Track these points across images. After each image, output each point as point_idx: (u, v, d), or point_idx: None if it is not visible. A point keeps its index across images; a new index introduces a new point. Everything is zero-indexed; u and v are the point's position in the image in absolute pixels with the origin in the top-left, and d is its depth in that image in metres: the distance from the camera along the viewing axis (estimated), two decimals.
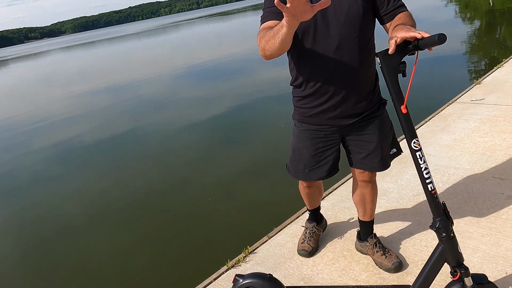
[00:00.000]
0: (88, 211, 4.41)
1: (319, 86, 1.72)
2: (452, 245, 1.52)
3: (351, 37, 1.61)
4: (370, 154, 1.85)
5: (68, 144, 7.32)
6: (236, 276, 1.82)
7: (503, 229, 2.18)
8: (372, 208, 2.10)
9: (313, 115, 1.82)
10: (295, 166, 2.00)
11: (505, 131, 3.34)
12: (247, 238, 2.64)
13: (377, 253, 2.08)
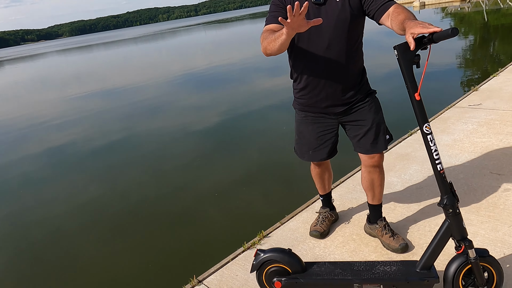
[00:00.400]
0: (80, 216, 4.32)
1: (313, 79, 2.01)
2: (458, 220, 1.70)
3: (340, 38, 1.88)
4: (364, 136, 2.08)
5: (60, 148, 7.19)
6: (257, 251, 1.98)
7: (500, 217, 2.36)
8: (380, 192, 2.27)
9: (310, 105, 2.10)
10: (301, 149, 2.27)
11: (501, 132, 3.54)
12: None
13: (386, 235, 2.25)
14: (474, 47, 11.04)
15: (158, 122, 7.94)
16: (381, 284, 1.80)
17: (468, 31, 14.70)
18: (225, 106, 8.46)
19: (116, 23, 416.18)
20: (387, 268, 1.86)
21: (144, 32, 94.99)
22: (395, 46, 1.62)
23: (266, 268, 1.96)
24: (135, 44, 46.59)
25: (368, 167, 2.18)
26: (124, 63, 24.65)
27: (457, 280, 1.73)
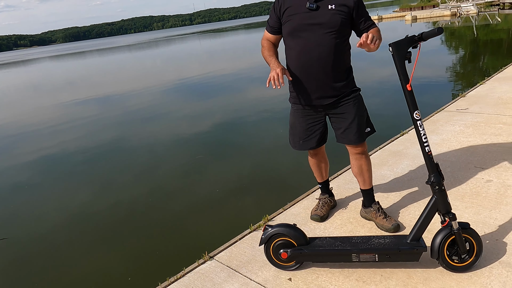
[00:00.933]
0: (70, 224, 4.31)
1: (304, 72, 2.29)
2: (443, 196, 1.95)
3: (330, 38, 2.19)
4: (347, 128, 2.34)
5: (51, 155, 7.13)
6: (266, 226, 2.21)
7: (482, 203, 2.62)
8: (369, 176, 2.52)
9: (302, 97, 2.37)
10: (293, 139, 2.55)
11: (486, 133, 3.83)
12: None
13: (379, 216, 2.49)
14: (464, 59, 11.58)
15: (151, 130, 7.94)
16: (376, 253, 2.04)
17: (459, 44, 15.20)
18: (219, 114, 8.51)
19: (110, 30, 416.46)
20: (381, 240, 2.10)
21: (138, 40, 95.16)
22: (390, 44, 1.88)
23: (273, 242, 2.19)
24: (129, 52, 46.45)
25: (354, 155, 2.45)
26: (118, 70, 24.61)
27: (442, 249, 1.98)
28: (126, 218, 4.27)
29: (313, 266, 2.23)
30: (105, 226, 4.17)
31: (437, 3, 35.30)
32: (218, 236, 3.15)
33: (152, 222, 4.09)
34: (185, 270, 2.38)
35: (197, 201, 4.39)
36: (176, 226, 3.96)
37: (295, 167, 4.86)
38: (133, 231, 3.97)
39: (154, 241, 3.70)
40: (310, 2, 2.16)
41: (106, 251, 3.68)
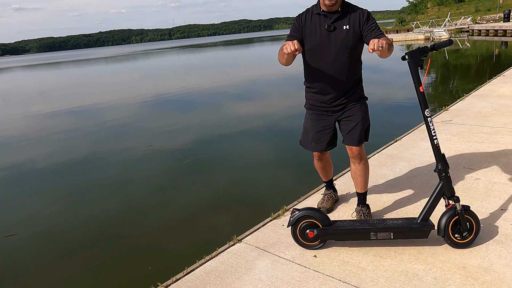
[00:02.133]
0: (36, 239, 4.18)
1: (321, 85, 2.62)
2: (448, 182, 2.31)
3: (344, 55, 2.50)
4: (351, 130, 2.64)
5: (18, 168, 6.86)
6: (293, 209, 2.51)
7: (474, 196, 3.01)
8: (362, 181, 2.74)
9: (315, 105, 2.70)
10: (305, 141, 2.84)
11: (470, 140, 4.28)
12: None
13: (358, 218, 2.76)
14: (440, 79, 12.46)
15: (126, 144, 7.80)
16: (391, 231, 2.36)
17: (433, 67, 16.17)
18: (195, 130, 8.45)
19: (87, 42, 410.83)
20: (395, 221, 2.43)
21: (116, 53, 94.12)
22: (407, 53, 2.25)
23: (300, 223, 2.48)
24: (106, 64, 45.71)
25: (352, 158, 2.72)
26: (94, 82, 24.07)
27: (447, 228, 2.32)
28: (97, 234, 4.19)
29: (334, 245, 2.53)
30: (74, 242, 4.05)
31: (411, 27, 37.12)
32: (192, 252, 3.14)
33: (123, 238, 4.03)
34: (218, 250, 2.62)
35: (170, 217, 4.38)
36: (147, 242, 3.90)
37: (270, 184, 5.09)
38: (103, 247, 3.89)
39: (124, 258, 3.66)
40: (328, 23, 2.48)
41: (74, 267, 3.59)
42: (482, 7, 43.18)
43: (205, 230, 4.04)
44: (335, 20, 2.47)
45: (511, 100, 5.94)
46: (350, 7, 2.51)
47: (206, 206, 4.57)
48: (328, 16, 2.48)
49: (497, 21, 33.10)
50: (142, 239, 4.03)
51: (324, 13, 2.48)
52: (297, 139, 2.93)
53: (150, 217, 4.45)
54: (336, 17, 2.47)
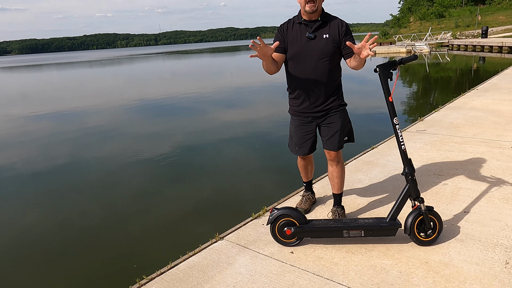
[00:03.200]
0: (14, 245, 4.12)
1: (303, 91, 2.79)
2: (414, 184, 2.52)
3: (324, 62, 2.69)
4: (331, 137, 2.83)
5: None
6: (273, 208, 2.68)
7: (440, 199, 3.24)
8: (338, 183, 2.93)
9: (298, 111, 2.88)
10: (291, 145, 3.03)
11: (441, 149, 4.55)
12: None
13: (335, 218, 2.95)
14: (419, 91, 12.97)
15: (108, 149, 7.78)
16: (362, 229, 2.56)
17: (414, 79, 16.70)
18: (179, 136, 8.47)
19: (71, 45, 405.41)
20: (366, 220, 2.62)
21: (100, 56, 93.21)
22: (378, 65, 2.47)
23: (279, 221, 2.65)
24: (90, 68, 45.06)
25: (330, 161, 2.93)
26: (76, 86, 23.79)
27: (413, 227, 2.53)
28: (78, 237, 4.19)
29: (310, 242, 2.71)
30: (54, 245, 4.05)
31: (394, 40, 38.09)
32: (176, 250, 3.12)
33: (106, 241, 4.06)
34: (201, 247, 2.77)
35: (154, 219, 4.43)
36: (131, 243, 3.95)
37: (252, 187, 5.27)
38: (83, 253, 3.89)
39: (108, 259, 3.70)
40: (309, 32, 2.67)
41: (51, 273, 3.59)
42: (462, 23, 44.67)
43: (189, 230, 4.17)
44: (315, 29, 2.66)
45: (482, 112, 6.28)
46: (329, 17, 2.71)
47: (190, 209, 4.70)
48: (309, 25, 2.67)
49: (475, 37, 34.30)
50: (125, 240, 4.10)
51: (305, 22, 2.68)
52: (279, 146, 3.13)
53: (133, 219, 4.53)
54: (316, 26, 2.66)
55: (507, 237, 2.62)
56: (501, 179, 3.56)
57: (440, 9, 54.16)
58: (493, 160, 4.08)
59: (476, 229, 2.75)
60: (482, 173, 3.74)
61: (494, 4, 56.03)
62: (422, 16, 54.39)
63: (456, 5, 57.03)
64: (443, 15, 52.51)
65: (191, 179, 5.78)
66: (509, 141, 4.69)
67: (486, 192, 3.31)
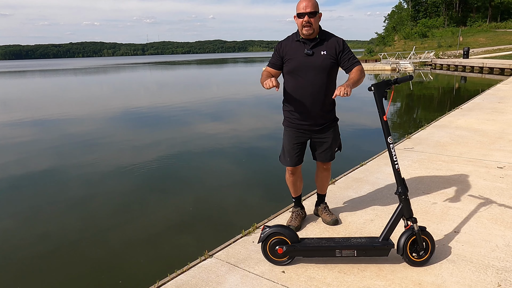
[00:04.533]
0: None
1: (299, 104, 2.85)
2: (407, 204, 2.51)
3: (321, 78, 2.77)
4: (325, 150, 2.99)
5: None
6: (264, 226, 2.63)
7: (431, 219, 3.24)
8: (325, 185, 3.21)
9: (295, 122, 2.93)
10: (283, 156, 3.08)
11: (429, 167, 4.58)
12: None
13: (324, 213, 3.14)
14: (404, 109, 13.20)
15: (90, 159, 7.61)
16: (355, 249, 2.52)
17: (398, 97, 17.00)
18: (164, 147, 8.39)
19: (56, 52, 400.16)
20: (359, 240, 2.59)
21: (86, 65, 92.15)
22: (372, 85, 2.48)
23: (270, 239, 2.59)
24: (75, 76, 44.44)
25: (321, 169, 3.11)
26: (59, 93, 23.44)
27: (406, 247, 2.51)
28: (53, 254, 4.02)
29: (302, 262, 2.65)
30: (29, 259, 3.93)
31: (379, 58, 38.87)
32: (163, 267, 3.11)
33: (82, 257, 3.92)
34: (189, 265, 2.68)
35: (139, 234, 4.31)
36: (115, 259, 3.83)
37: (241, 203, 5.19)
38: (59, 268, 3.75)
39: (84, 279, 3.54)
40: (307, 48, 2.74)
41: (30, 285, 3.50)
42: (444, 43, 46.00)
43: (174, 245, 4.07)
44: (313, 46, 2.73)
45: (467, 131, 6.39)
46: (326, 34, 2.80)
47: (175, 223, 4.60)
48: (307, 43, 2.74)
49: (457, 57, 35.28)
50: (107, 255, 3.97)
51: (303, 40, 2.75)
52: (267, 159, 3.11)
53: (115, 233, 4.42)
54: (314, 44, 2.74)
55: (498, 258, 2.62)
56: (489, 199, 3.60)
57: (423, 29, 55.74)
58: (480, 179, 4.12)
59: (467, 249, 2.74)
60: (470, 193, 3.77)
61: (474, 26, 58.02)
62: (406, 35, 55.83)
63: (438, 25, 58.82)
64: (426, 35, 54.00)
65: (176, 192, 5.68)
66: (494, 160, 4.76)
67: (475, 212, 3.33)
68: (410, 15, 65.13)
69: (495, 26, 56.35)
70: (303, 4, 2.65)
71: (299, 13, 2.67)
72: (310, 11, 2.64)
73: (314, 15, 2.66)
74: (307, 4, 2.65)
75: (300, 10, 2.67)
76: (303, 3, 2.66)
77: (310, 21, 2.65)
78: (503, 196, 3.67)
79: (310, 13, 2.64)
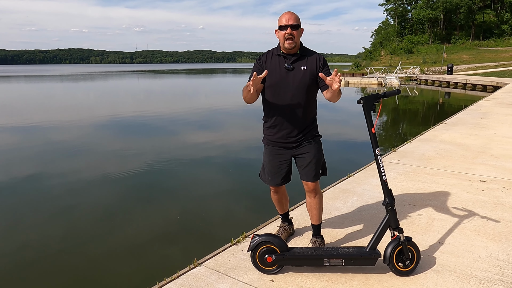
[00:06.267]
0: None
1: (278, 120, 2.80)
2: (394, 214, 2.57)
3: (301, 93, 2.73)
4: (307, 166, 2.83)
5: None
6: (254, 234, 2.65)
7: (416, 229, 3.31)
8: (317, 214, 2.93)
9: (274, 139, 2.87)
10: (264, 175, 3.00)
11: (414, 180, 4.68)
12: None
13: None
14: (391, 123, 13.45)
15: (73, 166, 7.53)
16: (343, 258, 2.56)
17: (384, 110, 17.30)
18: (150, 156, 8.35)
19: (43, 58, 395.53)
20: (347, 249, 2.63)
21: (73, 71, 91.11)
22: (362, 98, 2.55)
23: (260, 248, 2.62)
24: (61, 82, 43.86)
25: (308, 192, 2.92)
26: (44, 100, 23.17)
27: (392, 257, 2.56)
28: (34, 264, 3.94)
29: (290, 271, 2.68)
30: (6, 271, 3.85)
31: (366, 72, 39.55)
32: (152, 275, 3.12)
33: (64, 267, 3.85)
34: (178, 273, 2.68)
35: (117, 246, 4.23)
36: (93, 272, 3.74)
37: (224, 214, 5.17)
38: (40, 279, 3.67)
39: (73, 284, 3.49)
40: (287, 63, 2.72)
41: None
42: (429, 59, 47.13)
43: (164, 255, 4.06)
44: (293, 61, 2.71)
45: (451, 145, 6.55)
46: (307, 51, 2.78)
47: (164, 233, 4.59)
48: (288, 58, 2.72)
49: (441, 73, 36.17)
50: (91, 265, 3.91)
51: (284, 55, 2.73)
52: (255, 169, 3.07)
53: (100, 242, 4.38)
54: (295, 59, 2.71)
55: (480, 268, 2.70)
56: (472, 211, 3.70)
57: (409, 45, 57.06)
58: (464, 192, 4.23)
59: (451, 260, 2.81)
60: (454, 205, 3.86)
61: (458, 44, 59.63)
62: (393, 50, 57.04)
63: (424, 42, 60.26)
64: (411, 51, 55.27)
65: (164, 202, 5.66)
66: (477, 174, 4.90)
67: (459, 224, 3.42)
68: (396, 31, 66.71)
69: (477, 44, 58.08)
70: (286, 17, 2.65)
71: (281, 25, 2.65)
72: (292, 23, 2.63)
73: (297, 28, 2.65)
74: (289, 17, 2.65)
75: (282, 23, 2.65)
76: (285, 16, 2.66)
77: (293, 34, 2.63)
78: (485, 208, 3.77)
79: (292, 26, 2.63)
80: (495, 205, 3.86)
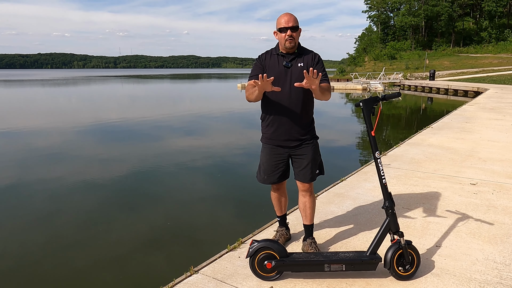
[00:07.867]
0: None
1: (276, 118, 2.81)
2: (394, 218, 2.55)
3: (299, 93, 2.75)
4: (303, 168, 2.84)
5: None
6: (252, 240, 2.59)
7: (412, 233, 3.30)
8: (311, 214, 2.94)
9: (272, 138, 2.88)
10: (260, 174, 2.99)
11: (406, 183, 4.70)
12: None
13: (310, 250, 2.88)
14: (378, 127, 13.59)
15: (55, 173, 7.36)
16: (343, 263, 2.52)
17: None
18: (134, 161, 8.24)
19: (23, 62, 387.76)
20: (347, 254, 2.60)
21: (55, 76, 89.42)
22: (361, 101, 2.53)
23: (259, 254, 2.56)
24: (42, 87, 43.02)
25: (302, 192, 2.92)
26: (25, 104, 22.74)
27: (393, 261, 2.53)
28: (13, 272, 3.83)
29: (290, 277, 2.62)
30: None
31: (350, 77, 40.01)
32: (149, 283, 3.07)
33: (45, 275, 3.76)
34: (175, 281, 2.60)
35: (106, 255, 4.11)
36: (76, 283, 3.62)
37: (216, 220, 5.10)
38: (19, 285, 3.58)
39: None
40: (286, 61, 2.75)
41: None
42: (412, 65, 48.02)
43: (159, 263, 3.95)
44: (291, 60, 2.75)
45: (439, 149, 6.63)
46: (304, 49, 2.82)
47: (158, 240, 4.49)
48: (286, 56, 2.76)
49: (424, 78, 36.86)
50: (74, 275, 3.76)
51: (282, 54, 2.77)
52: (249, 175, 3.03)
53: (86, 252, 4.23)
54: (293, 57, 2.76)
55: (479, 271, 2.69)
56: (466, 214, 3.72)
57: (392, 51, 58.06)
58: (456, 195, 4.26)
59: (449, 263, 2.80)
60: (448, 208, 3.88)
61: (439, 50, 60.98)
62: (376, 56, 57.93)
63: (406, 48, 61.42)
64: (395, 57, 56.25)
65: (152, 208, 5.55)
66: (467, 177, 4.95)
67: (454, 227, 3.43)
68: (380, 38, 67.84)
69: (458, 51, 59.54)
70: (285, 19, 2.68)
71: (281, 27, 2.67)
72: (292, 25, 2.67)
73: (296, 29, 2.70)
74: (288, 18, 2.68)
75: (282, 25, 2.68)
76: (284, 17, 2.69)
77: (293, 35, 2.67)
78: (478, 211, 3.80)
79: (292, 28, 2.67)
80: (487, 207, 3.89)
